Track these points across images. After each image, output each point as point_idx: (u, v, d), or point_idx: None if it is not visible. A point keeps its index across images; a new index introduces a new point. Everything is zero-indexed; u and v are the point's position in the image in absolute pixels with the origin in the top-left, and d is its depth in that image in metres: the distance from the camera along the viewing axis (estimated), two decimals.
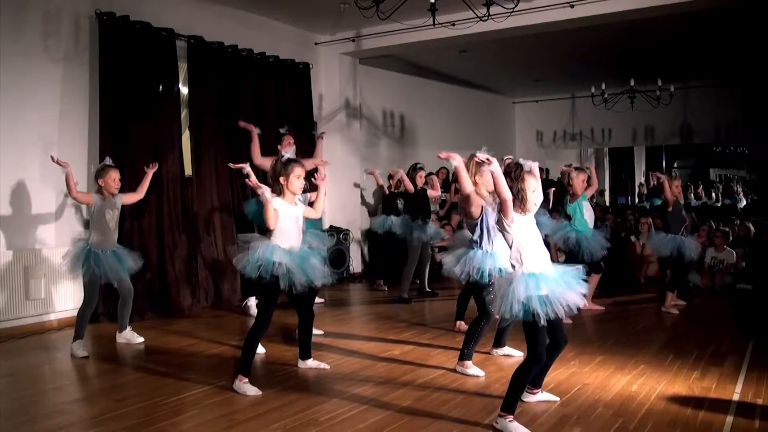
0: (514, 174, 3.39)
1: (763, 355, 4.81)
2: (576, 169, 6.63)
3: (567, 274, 3.37)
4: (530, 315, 3.25)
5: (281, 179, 4.10)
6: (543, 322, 3.26)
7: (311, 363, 4.61)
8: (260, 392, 4.00)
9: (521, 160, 3.43)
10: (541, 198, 3.45)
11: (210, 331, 5.87)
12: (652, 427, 3.43)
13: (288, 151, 4.19)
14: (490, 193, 4.33)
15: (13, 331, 5.61)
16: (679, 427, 3.44)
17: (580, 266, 3.46)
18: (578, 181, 6.45)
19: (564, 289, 3.31)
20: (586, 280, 3.44)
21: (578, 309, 3.38)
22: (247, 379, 4.06)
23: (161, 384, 4.24)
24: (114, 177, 5.17)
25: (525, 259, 3.35)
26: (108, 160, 5.24)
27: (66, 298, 6.04)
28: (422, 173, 7.47)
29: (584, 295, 3.43)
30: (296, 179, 4.11)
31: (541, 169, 4.36)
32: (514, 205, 3.34)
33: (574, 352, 4.93)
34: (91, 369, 4.81)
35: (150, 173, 5.52)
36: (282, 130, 6.39)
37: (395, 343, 5.36)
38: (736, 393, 3.98)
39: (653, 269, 8.40)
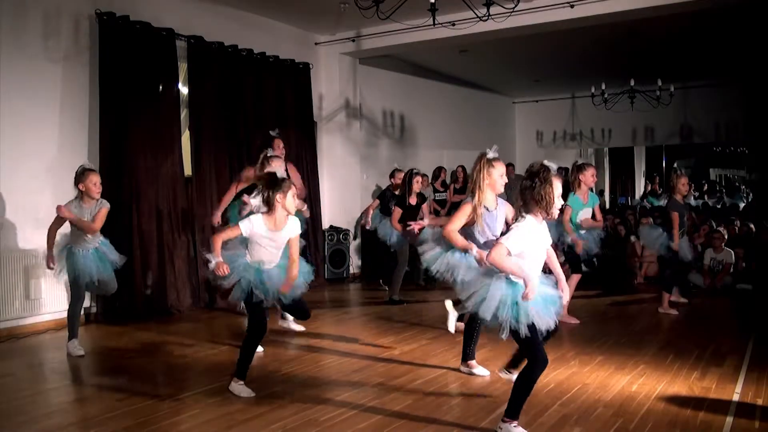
0: (541, 176, 3.20)
1: (763, 355, 4.81)
2: (580, 167, 6.30)
3: (548, 296, 3.28)
4: (496, 321, 3.18)
5: (278, 197, 3.92)
6: (507, 333, 3.17)
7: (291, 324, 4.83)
8: (253, 394, 3.99)
9: (546, 162, 3.26)
10: (562, 203, 3.32)
11: (210, 331, 5.87)
12: (652, 427, 3.43)
13: (278, 167, 4.09)
14: (498, 196, 4.24)
15: (13, 331, 5.62)
16: (679, 427, 3.44)
17: (560, 293, 3.36)
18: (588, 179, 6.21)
19: (539, 309, 3.19)
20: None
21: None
22: (242, 382, 4.04)
23: (161, 384, 4.24)
24: (95, 181, 4.87)
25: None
26: (87, 163, 5.01)
27: (65, 299, 6.01)
28: (419, 178, 7.36)
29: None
30: (292, 198, 3.94)
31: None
32: (537, 211, 3.21)
33: (574, 352, 4.94)
34: (91, 369, 4.81)
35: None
36: (273, 133, 6.03)
37: (395, 343, 5.36)
38: (736, 393, 3.98)
39: (653, 269, 8.40)
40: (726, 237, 8.17)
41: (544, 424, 3.49)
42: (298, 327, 5.70)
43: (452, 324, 4.58)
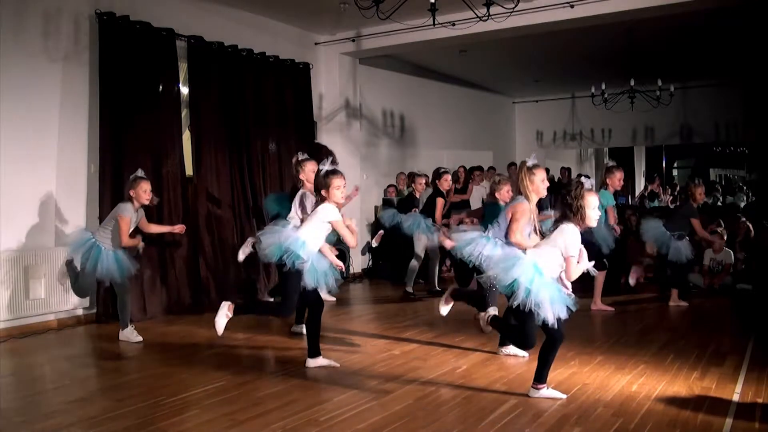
0: (575, 192, 3.61)
1: (763, 355, 4.80)
2: (609, 168, 6.54)
3: (561, 292, 3.65)
4: (509, 291, 3.58)
5: (323, 192, 4.21)
6: (515, 303, 3.56)
7: (322, 361, 4.62)
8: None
9: (583, 179, 3.66)
10: (599, 214, 3.70)
11: (210, 330, 5.82)
12: (652, 427, 3.43)
13: (324, 163, 4.26)
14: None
15: (13, 331, 5.62)
16: (679, 427, 3.44)
17: (573, 295, 3.68)
18: (615, 182, 6.42)
19: (551, 298, 3.56)
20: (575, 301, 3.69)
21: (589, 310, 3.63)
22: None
23: (161, 384, 4.24)
24: (145, 188, 5.28)
25: (548, 262, 3.65)
26: (140, 172, 5.35)
27: (66, 298, 6.03)
28: (447, 176, 7.36)
29: (572, 298, 3.65)
30: (337, 190, 4.20)
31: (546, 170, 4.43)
32: (573, 221, 3.63)
33: (574, 351, 4.93)
34: (91, 369, 4.81)
35: (173, 229, 5.75)
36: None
37: (396, 342, 5.36)
38: (736, 393, 3.98)
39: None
40: (725, 237, 8.17)
41: (544, 424, 3.49)
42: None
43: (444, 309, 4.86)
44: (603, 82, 10.07)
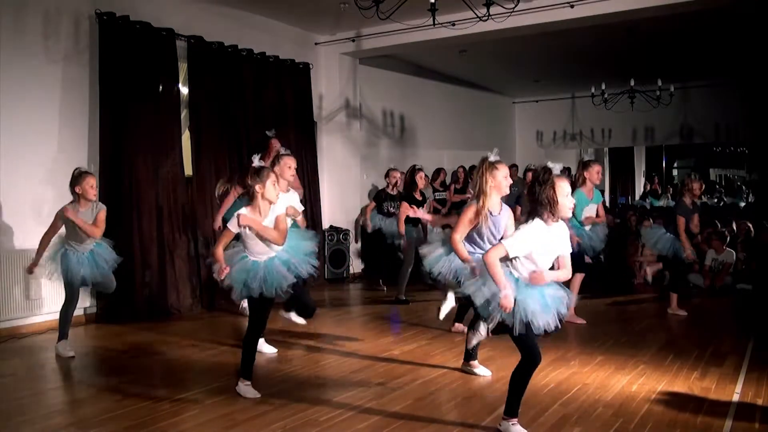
0: (542, 178, 3.14)
1: (763, 355, 4.81)
2: (585, 163, 6.18)
3: (551, 296, 3.22)
4: (486, 314, 3.24)
5: (257, 187, 3.89)
6: (493, 325, 3.27)
7: (292, 316, 4.92)
8: (259, 395, 3.97)
9: (550, 164, 3.20)
10: (573, 202, 3.24)
11: (210, 331, 5.87)
12: (652, 427, 3.43)
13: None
14: (502, 198, 4.20)
15: (13, 331, 5.62)
16: (679, 427, 3.44)
17: (566, 293, 3.28)
18: (593, 176, 6.05)
19: (539, 308, 3.16)
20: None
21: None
22: (249, 383, 4.03)
23: (161, 384, 4.24)
24: (92, 183, 4.81)
25: (519, 266, 3.24)
26: (83, 166, 4.95)
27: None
28: (422, 174, 7.38)
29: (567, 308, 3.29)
30: (272, 186, 3.90)
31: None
32: (543, 214, 3.14)
33: (574, 351, 4.94)
34: (91, 369, 4.81)
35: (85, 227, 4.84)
36: (269, 134, 5.97)
37: (395, 343, 5.36)
38: (736, 393, 3.98)
39: (653, 269, 8.40)
40: (728, 238, 8.17)
41: (544, 424, 3.49)
42: (300, 320, 5.30)
43: (444, 311, 4.90)
44: (603, 82, 10.07)
